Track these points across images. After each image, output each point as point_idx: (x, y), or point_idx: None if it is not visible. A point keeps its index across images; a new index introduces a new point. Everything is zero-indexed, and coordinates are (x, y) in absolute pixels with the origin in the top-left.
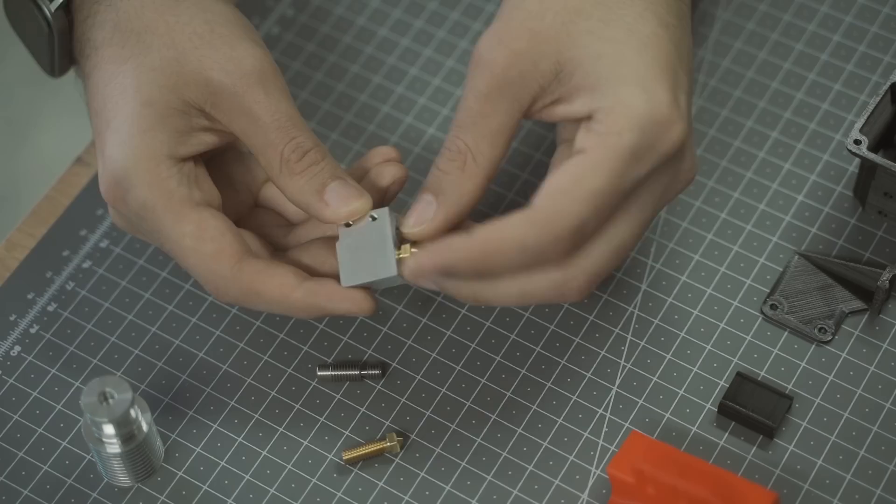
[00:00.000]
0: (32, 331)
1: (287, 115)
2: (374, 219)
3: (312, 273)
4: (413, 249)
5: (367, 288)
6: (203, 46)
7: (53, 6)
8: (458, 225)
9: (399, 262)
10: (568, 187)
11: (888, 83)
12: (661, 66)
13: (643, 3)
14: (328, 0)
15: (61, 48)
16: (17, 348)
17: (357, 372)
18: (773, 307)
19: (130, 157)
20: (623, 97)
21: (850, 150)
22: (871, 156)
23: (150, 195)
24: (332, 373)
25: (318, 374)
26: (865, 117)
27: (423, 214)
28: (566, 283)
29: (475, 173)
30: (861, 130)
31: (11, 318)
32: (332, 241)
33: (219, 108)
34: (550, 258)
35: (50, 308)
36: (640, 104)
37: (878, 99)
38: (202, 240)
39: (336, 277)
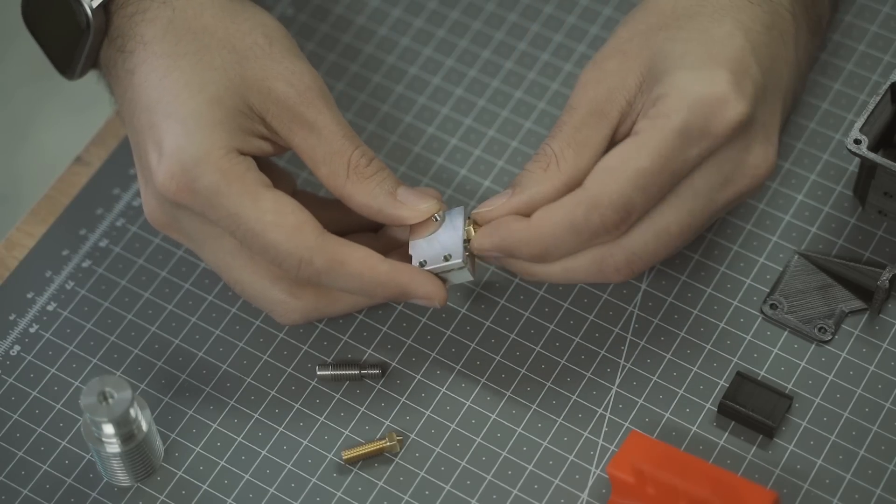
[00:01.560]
0: (32, 330)
1: (347, 126)
2: (436, 219)
3: None
4: (468, 227)
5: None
6: (264, 57)
7: (95, 3)
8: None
9: (466, 248)
10: (614, 166)
11: (888, 83)
12: (727, 56)
13: (724, 11)
14: None
15: (92, 48)
16: (17, 348)
17: (357, 371)
18: (772, 307)
19: (201, 146)
20: (676, 81)
21: (850, 150)
22: (871, 155)
23: (224, 180)
24: (332, 372)
25: (318, 373)
26: (865, 117)
27: (496, 202)
28: (604, 260)
29: (555, 175)
30: (861, 130)
31: (11, 318)
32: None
33: (279, 119)
34: (602, 238)
35: (49, 307)
36: (691, 85)
37: (878, 98)
38: (283, 214)
39: None
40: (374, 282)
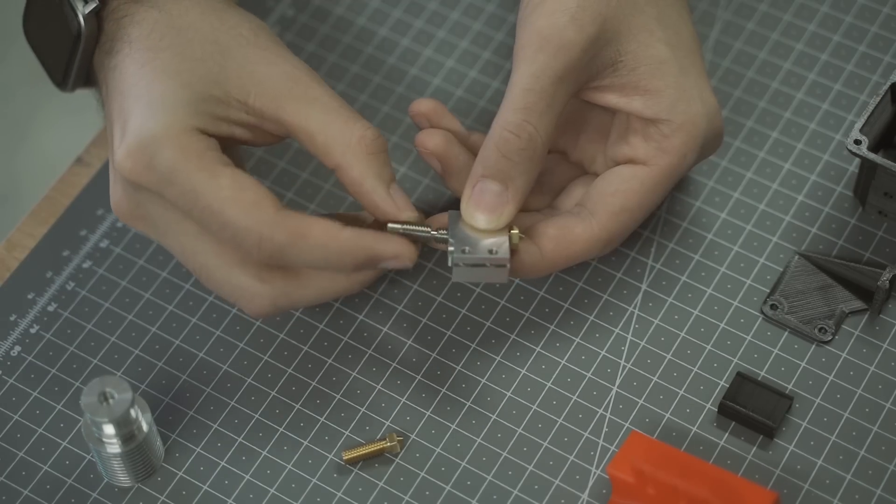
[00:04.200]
0: (33, 331)
1: (344, 101)
2: (437, 234)
3: None
4: (513, 231)
5: (473, 281)
6: (248, 46)
7: (87, 9)
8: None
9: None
10: (633, 207)
11: (888, 83)
12: (704, 72)
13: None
14: (328, 0)
15: (84, 57)
16: (18, 348)
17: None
18: (773, 307)
19: (161, 124)
20: (691, 116)
21: (850, 150)
22: (872, 156)
23: (181, 156)
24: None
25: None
26: (865, 117)
27: (495, 207)
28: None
29: (541, 160)
30: (861, 130)
31: (11, 318)
32: None
33: (263, 98)
34: None
35: (50, 308)
36: (705, 123)
37: (878, 99)
38: (241, 189)
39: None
40: (340, 250)
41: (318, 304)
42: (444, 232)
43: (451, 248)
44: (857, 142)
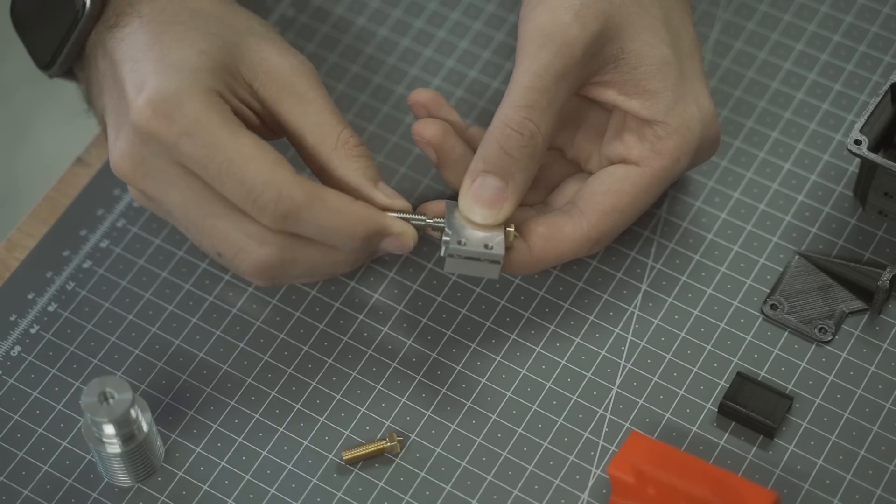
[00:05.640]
0: (33, 331)
1: (336, 107)
2: (431, 223)
3: None
4: (509, 229)
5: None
6: (259, 35)
7: None
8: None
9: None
10: (623, 207)
11: (888, 83)
12: (703, 77)
13: (680, 2)
14: (328, 0)
15: (80, 36)
16: (18, 348)
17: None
18: (773, 307)
19: (186, 81)
20: (686, 120)
21: (850, 150)
22: (872, 156)
23: (205, 110)
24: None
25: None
26: (865, 117)
27: (494, 203)
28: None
29: (541, 157)
30: (861, 130)
31: (12, 318)
32: None
33: (267, 87)
34: None
35: (50, 308)
36: (699, 128)
37: (879, 99)
38: (263, 150)
39: None
40: (353, 217)
41: (317, 277)
42: (441, 221)
43: (446, 238)
44: (857, 142)
